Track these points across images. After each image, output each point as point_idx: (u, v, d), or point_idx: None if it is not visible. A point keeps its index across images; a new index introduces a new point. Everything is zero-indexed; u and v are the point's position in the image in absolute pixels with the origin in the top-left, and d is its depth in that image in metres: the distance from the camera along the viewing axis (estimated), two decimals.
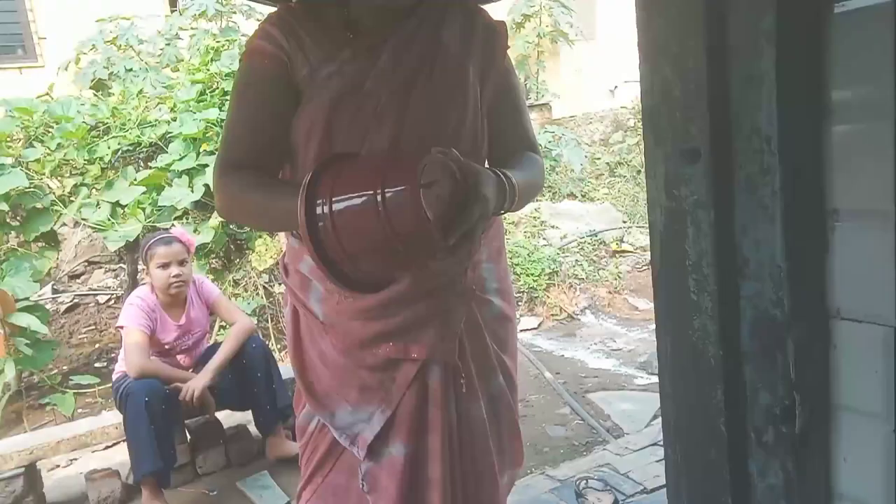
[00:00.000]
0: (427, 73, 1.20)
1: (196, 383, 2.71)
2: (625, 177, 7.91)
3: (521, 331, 4.90)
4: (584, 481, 2.42)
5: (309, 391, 1.29)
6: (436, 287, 1.22)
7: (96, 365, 4.92)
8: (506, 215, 1.33)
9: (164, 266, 2.75)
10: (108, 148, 3.71)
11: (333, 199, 0.99)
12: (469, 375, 1.28)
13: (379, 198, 0.94)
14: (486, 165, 1.26)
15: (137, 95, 4.21)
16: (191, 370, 2.87)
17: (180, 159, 3.73)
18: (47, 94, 4.41)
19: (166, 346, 2.83)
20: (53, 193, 3.66)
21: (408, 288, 1.19)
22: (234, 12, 6.56)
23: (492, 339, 1.32)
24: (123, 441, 2.85)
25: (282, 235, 1.47)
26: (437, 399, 1.24)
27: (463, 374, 1.27)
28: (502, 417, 1.36)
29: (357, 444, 1.25)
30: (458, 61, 1.23)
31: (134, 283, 4.34)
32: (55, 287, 5.82)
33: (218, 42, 4.73)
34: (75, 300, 5.73)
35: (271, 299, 4.86)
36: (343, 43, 1.21)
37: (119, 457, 3.16)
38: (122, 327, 2.78)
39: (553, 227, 6.26)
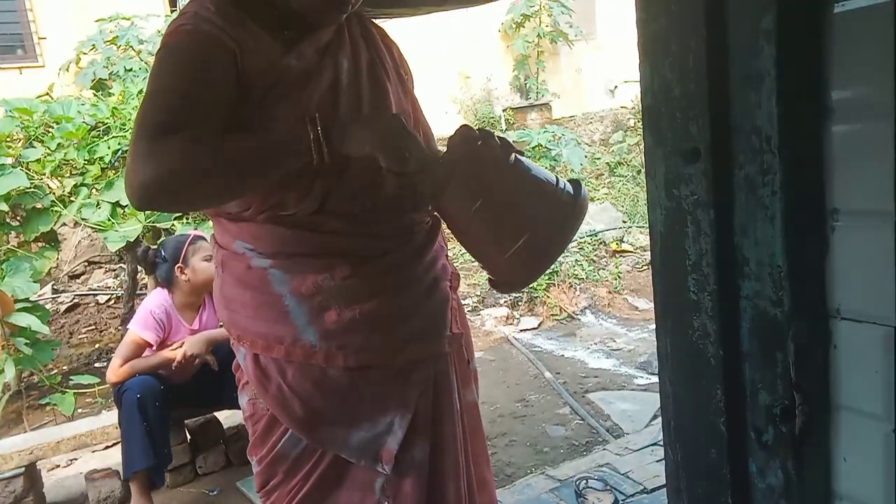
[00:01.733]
0: (384, 75, 1.25)
1: (189, 351, 2.63)
2: (625, 177, 7.91)
3: (521, 331, 4.91)
4: (584, 481, 2.42)
5: (311, 429, 1.19)
6: (435, 277, 1.25)
7: (96, 365, 4.92)
8: None
9: (209, 259, 2.68)
10: (108, 148, 3.70)
11: None
12: (468, 359, 1.33)
13: None
14: None
15: (138, 95, 4.21)
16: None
17: None
18: (47, 94, 4.41)
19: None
20: (53, 193, 3.66)
21: (416, 287, 1.20)
22: None
23: (462, 325, 1.36)
24: None
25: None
26: (447, 388, 1.25)
27: (469, 361, 1.30)
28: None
29: (381, 458, 1.20)
30: (395, 69, 1.30)
31: (134, 284, 4.34)
32: (55, 287, 5.82)
33: None
34: (75, 300, 5.73)
35: None
36: (291, 41, 1.16)
37: (119, 457, 3.16)
38: (128, 328, 2.76)
39: None
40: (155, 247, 2.90)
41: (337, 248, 1.17)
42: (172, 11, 6.93)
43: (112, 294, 5.80)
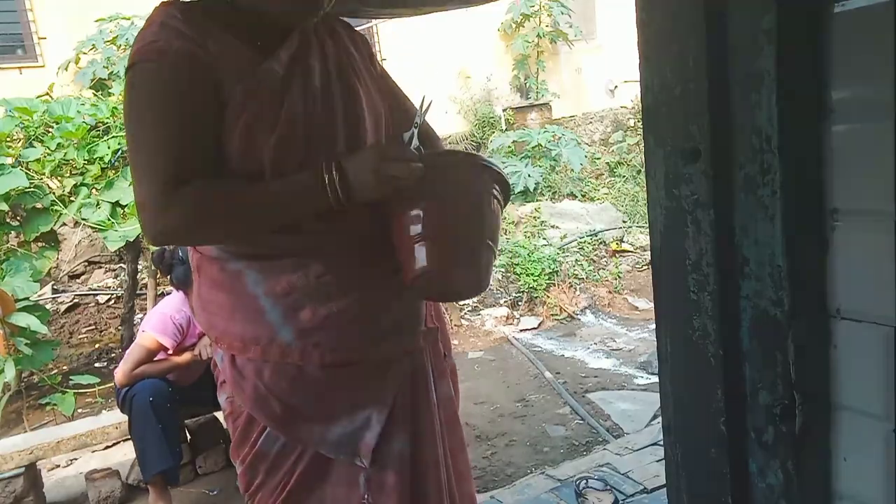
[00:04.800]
0: (355, 76, 1.24)
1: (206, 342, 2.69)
2: (625, 177, 7.91)
3: (521, 331, 4.91)
4: (584, 481, 2.42)
5: (288, 427, 1.21)
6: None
7: (96, 365, 4.92)
8: (505, 216, 1.37)
9: None
10: (108, 148, 3.70)
11: None
12: (442, 353, 1.33)
13: None
14: None
15: None
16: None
17: None
18: (47, 94, 4.40)
19: (191, 350, 2.81)
20: (53, 193, 3.65)
21: (388, 284, 1.21)
22: None
23: (437, 319, 1.37)
24: (123, 441, 2.85)
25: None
26: (424, 382, 1.26)
27: (445, 355, 1.33)
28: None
29: (360, 452, 1.21)
30: (365, 65, 1.28)
31: (134, 284, 4.34)
32: (55, 287, 5.82)
33: None
34: (75, 300, 5.73)
35: None
36: (257, 49, 1.14)
37: (119, 457, 3.16)
38: (144, 331, 2.74)
39: (553, 226, 6.26)
40: (171, 248, 2.90)
41: (311, 246, 1.17)
42: None
43: (112, 294, 5.80)
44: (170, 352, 2.73)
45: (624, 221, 6.63)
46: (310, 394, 1.19)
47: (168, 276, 2.87)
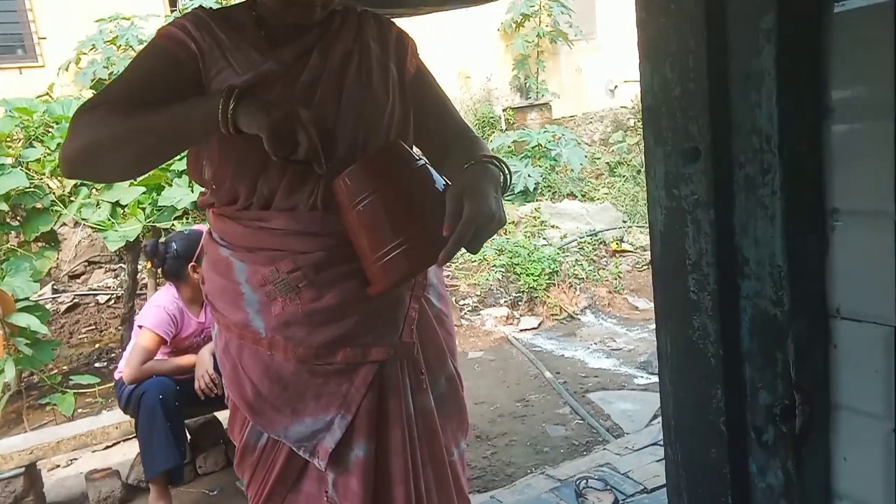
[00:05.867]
0: (356, 68, 1.26)
1: (206, 368, 2.70)
2: (625, 177, 7.91)
3: (521, 331, 4.91)
4: (584, 481, 2.42)
5: (256, 412, 1.25)
6: None
7: (96, 365, 4.92)
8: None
9: None
10: None
11: None
12: (421, 368, 1.31)
13: None
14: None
15: None
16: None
17: (180, 159, 3.72)
18: (47, 94, 4.40)
19: (186, 344, 2.82)
20: (53, 193, 3.65)
21: (359, 286, 1.20)
22: None
23: (438, 326, 1.36)
24: (123, 441, 2.84)
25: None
26: (395, 392, 1.25)
27: (422, 371, 1.30)
28: (455, 396, 1.40)
29: (317, 454, 1.23)
30: (380, 60, 1.31)
31: (134, 283, 4.34)
32: (55, 287, 5.82)
33: None
34: (75, 300, 5.73)
35: None
36: (264, 50, 1.22)
37: (119, 457, 3.16)
38: (140, 326, 2.76)
39: (553, 226, 6.26)
40: (163, 240, 2.90)
41: (283, 243, 1.22)
42: (172, 11, 6.94)
43: (112, 294, 5.80)
44: (168, 346, 2.75)
45: (624, 221, 6.63)
46: (278, 384, 1.23)
47: (160, 269, 2.89)
